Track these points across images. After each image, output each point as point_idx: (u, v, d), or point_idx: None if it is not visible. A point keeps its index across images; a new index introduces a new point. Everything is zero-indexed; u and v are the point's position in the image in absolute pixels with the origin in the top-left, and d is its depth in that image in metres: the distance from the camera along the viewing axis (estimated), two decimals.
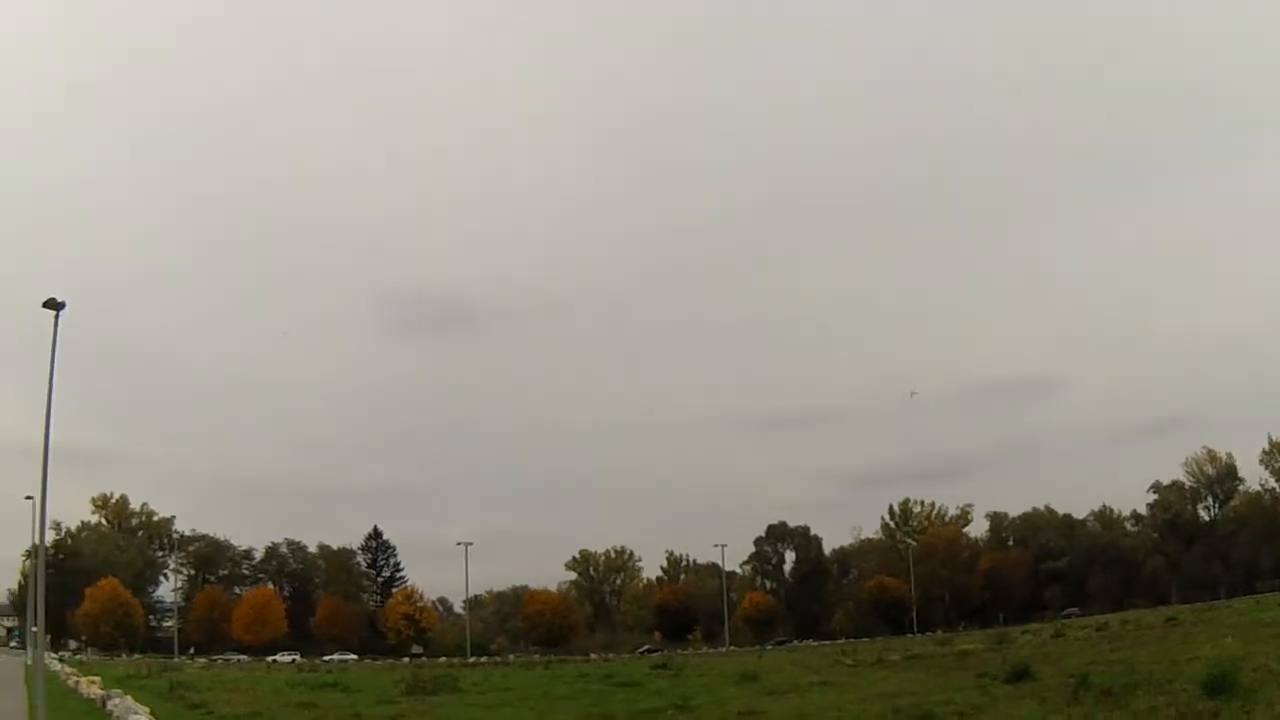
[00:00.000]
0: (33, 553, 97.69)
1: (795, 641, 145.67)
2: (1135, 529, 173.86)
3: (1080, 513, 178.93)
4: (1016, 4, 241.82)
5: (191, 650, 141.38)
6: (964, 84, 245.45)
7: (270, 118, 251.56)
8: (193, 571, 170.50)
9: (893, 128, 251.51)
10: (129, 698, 37.45)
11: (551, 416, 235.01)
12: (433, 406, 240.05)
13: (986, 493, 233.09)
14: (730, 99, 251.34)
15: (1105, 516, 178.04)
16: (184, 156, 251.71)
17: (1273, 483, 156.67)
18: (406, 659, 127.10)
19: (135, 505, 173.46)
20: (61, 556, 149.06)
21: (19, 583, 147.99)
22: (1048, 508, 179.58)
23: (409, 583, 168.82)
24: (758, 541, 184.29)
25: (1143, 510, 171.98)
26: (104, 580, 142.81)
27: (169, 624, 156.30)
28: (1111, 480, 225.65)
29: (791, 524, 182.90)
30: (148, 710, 33.10)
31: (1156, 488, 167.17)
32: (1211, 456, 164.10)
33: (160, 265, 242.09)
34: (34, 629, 61.78)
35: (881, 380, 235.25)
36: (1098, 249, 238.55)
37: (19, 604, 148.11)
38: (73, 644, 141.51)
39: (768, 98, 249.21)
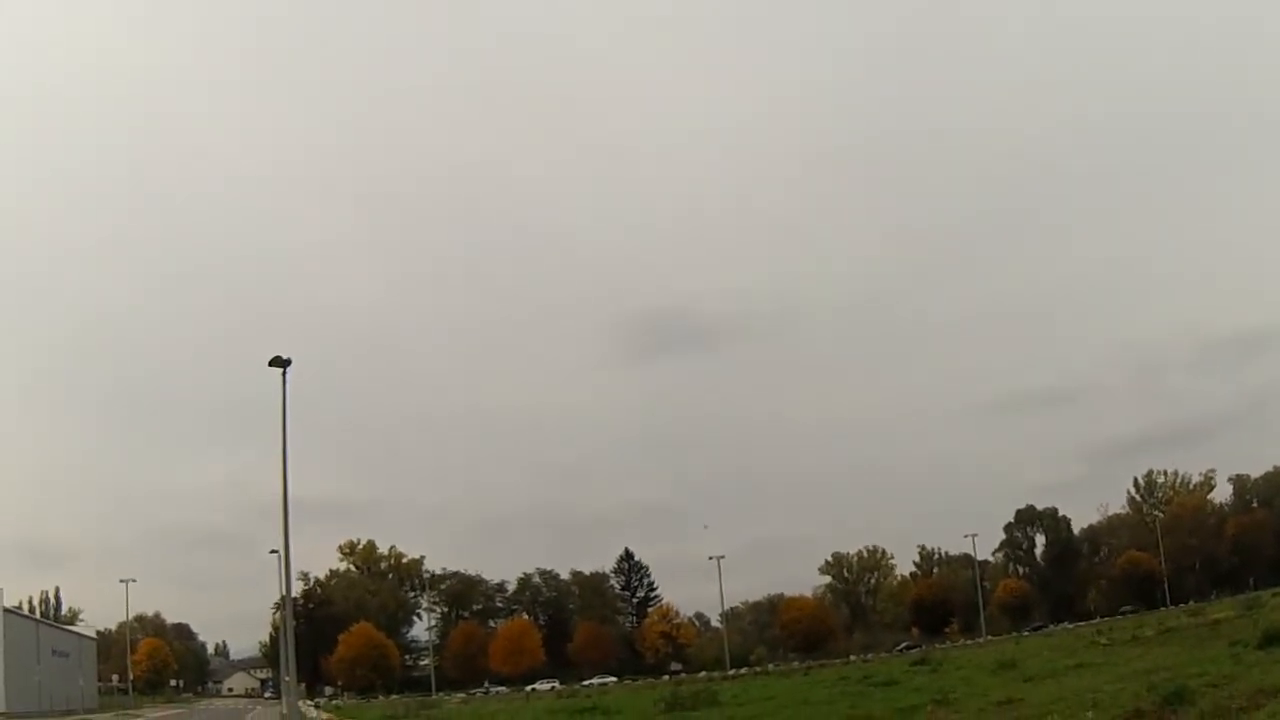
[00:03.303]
0: (281, 604, 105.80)
1: (1051, 625, 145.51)
2: None
3: None
4: None
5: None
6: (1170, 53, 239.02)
7: (494, 159, 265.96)
8: (446, 609, 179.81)
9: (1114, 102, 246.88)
10: None
11: (791, 423, 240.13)
12: (673, 425, 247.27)
13: (1229, 455, 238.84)
14: (952, 99, 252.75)
15: None
16: (420, 208, 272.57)
17: None
18: (666, 676, 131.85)
19: (383, 549, 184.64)
20: (312, 605, 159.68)
21: (270, 635, 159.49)
22: None
23: (664, 601, 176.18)
24: (1007, 528, 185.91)
25: None
26: (357, 625, 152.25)
27: (425, 662, 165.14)
28: None
29: (1039, 507, 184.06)
30: None
31: None
32: None
33: (397, 315, 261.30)
34: (286, 678, 67.01)
35: (1112, 352, 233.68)
36: None
37: (271, 655, 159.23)
38: (329, 690, 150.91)
39: (984, 97, 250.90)
